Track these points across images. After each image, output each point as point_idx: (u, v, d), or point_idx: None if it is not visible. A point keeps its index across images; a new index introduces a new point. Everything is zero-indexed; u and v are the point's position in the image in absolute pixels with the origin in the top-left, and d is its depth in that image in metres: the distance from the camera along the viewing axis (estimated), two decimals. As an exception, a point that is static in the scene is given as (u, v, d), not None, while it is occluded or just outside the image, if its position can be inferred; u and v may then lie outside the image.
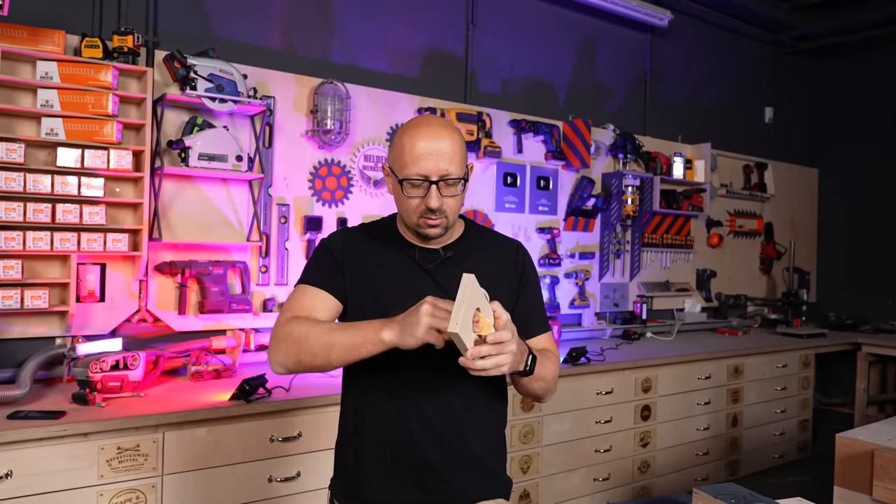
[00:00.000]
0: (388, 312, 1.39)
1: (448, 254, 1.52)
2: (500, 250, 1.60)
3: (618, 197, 4.41)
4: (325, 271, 1.51)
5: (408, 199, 1.43)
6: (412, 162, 1.40)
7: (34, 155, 2.58)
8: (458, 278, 1.43)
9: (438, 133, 1.42)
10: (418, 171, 1.40)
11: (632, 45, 4.82)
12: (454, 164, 1.41)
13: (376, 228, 1.61)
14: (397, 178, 1.44)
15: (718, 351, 4.09)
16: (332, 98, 3.22)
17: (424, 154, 1.39)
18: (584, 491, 3.42)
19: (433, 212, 1.42)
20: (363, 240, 1.56)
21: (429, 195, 1.41)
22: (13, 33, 2.49)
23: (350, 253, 1.53)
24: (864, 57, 5.83)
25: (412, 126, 1.45)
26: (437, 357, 1.39)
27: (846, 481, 2.18)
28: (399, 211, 1.51)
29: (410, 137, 1.42)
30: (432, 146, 1.40)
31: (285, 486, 2.45)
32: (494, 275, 1.53)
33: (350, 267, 1.51)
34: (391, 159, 1.48)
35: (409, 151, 1.40)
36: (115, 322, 2.77)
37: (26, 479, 2.00)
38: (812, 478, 4.27)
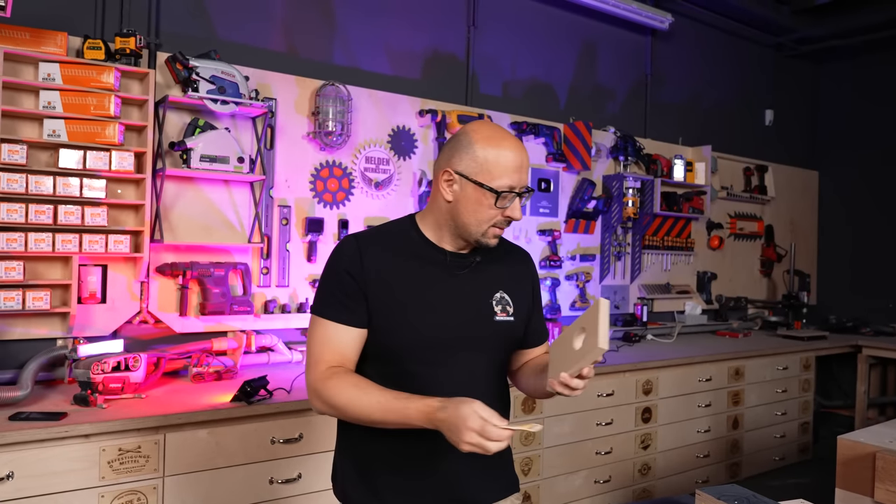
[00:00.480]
0: (420, 324, 1.41)
1: (477, 258, 1.52)
2: (515, 258, 1.64)
3: (618, 199, 4.41)
4: (344, 299, 1.43)
5: (493, 209, 1.42)
6: (507, 173, 1.41)
7: (36, 156, 2.58)
8: (486, 284, 1.52)
9: (521, 144, 1.45)
10: (511, 183, 1.41)
11: (632, 47, 4.82)
12: (528, 177, 1.47)
13: (394, 234, 1.53)
14: (487, 189, 1.41)
15: (719, 353, 4.09)
16: (333, 100, 3.22)
17: (517, 166, 1.42)
18: (585, 493, 3.42)
19: (509, 222, 1.45)
20: (383, 248, 1.48)
21: (513, 207, 1.44)
22: (16, 35, 2.49)
23: (371, 265, 1.44)
24: (864, 60, 5.84)
25: (495, 136, 1.43)
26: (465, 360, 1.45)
27: (848, 483, 2.18)
28: (464, 220, 1.45)
29: (501, 148, 1.41)
30: (522, 157, 1.43)
31: (286, 488, 2.45)
32: (515, 282, 1.58)
33: (373, 284, 1.43)
34: (468, 168, 1.42)
35: (505, 162, 1.40)
36: (116, 323, 2.77)
37: (27, 480, 2.00)
38: (813, 480, 4.27)
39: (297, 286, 3.23)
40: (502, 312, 1.51)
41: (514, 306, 1.54)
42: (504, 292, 1.53)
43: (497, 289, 1.53)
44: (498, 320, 1.51)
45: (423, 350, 1.44)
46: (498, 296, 1.52)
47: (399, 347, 1.45)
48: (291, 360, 3.12)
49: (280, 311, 3.17)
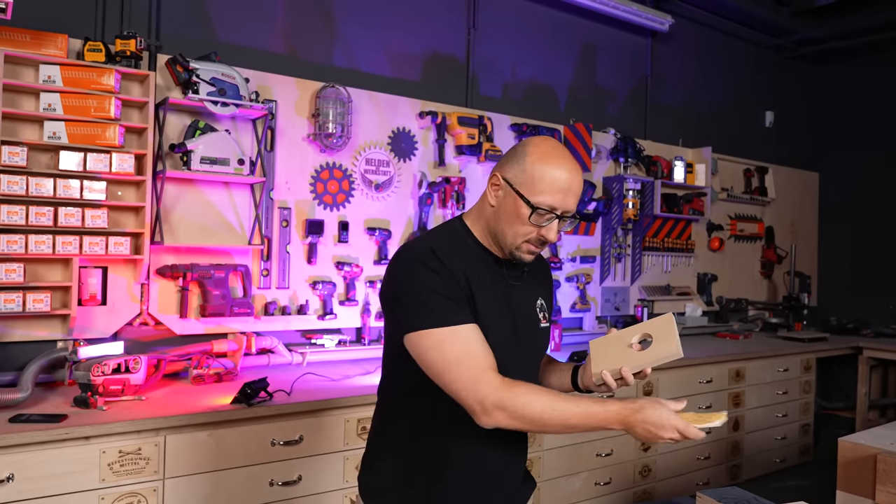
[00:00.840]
0: (492, 332, 1.40)
1: (526, 268, 1.54)
2: (542, 264, 1.67)
3: (619, 201, 4.41)
4: (454, 299, 1.36)
5: (527, 224, 1.41)
6: (550, 191, 1.38)
7: (36, 158, 2.58)
8: (532, 294, 1.56)
9: (574, 168, 1.42)
10: (552, 203, 1.39)
11: (632, 49, 4.83)
12: (576, 203, 1.44)
13: (457, 242, 1.48)
14: (524, 201, 1.39)
15: (719, 355, 4.09)
16: (333, 102, 3.22)
17: (563, 188, 1.39)
18: (586, 495, 3.42)
19: (544, 243, 1.44)
20: (455, 253, 1.43)
21: (549, 228, 1.41)
22: (16, 37, 2.50)
23: (455, 266, 1.39)
24: (864, 61, 5.84)
25: (554, 154, 1.41)
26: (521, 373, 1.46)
27: (849, 485, 2.18)
28: (501, 228, 1.44)
29: (554, 166, 1.39)
30: (572, 181, 1.40)
31: (286, 490, 2.45)
32: (546, 288, 1.64)
33: (469, 281, 1.40)
34: (517, 177, 1.40)
35: (551, 181, 1.38)
36: (116, 325, 2.77)
37: (28, 482, 2.00)
38: (814, 482, 4.27)
39: (298, 288, 3.23)
40: (544, 319, 1.57)
41: (548, 312, 1.60)
42: (542, 299, 1.58)
43: (538, 296, 1.57)
44: (542, 327, 1.56)
45: (497, 357, 1.40)
46: (539, 303, 1.57)
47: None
48: (292, 362, 3.12)
49: (280, 313, 3.16)
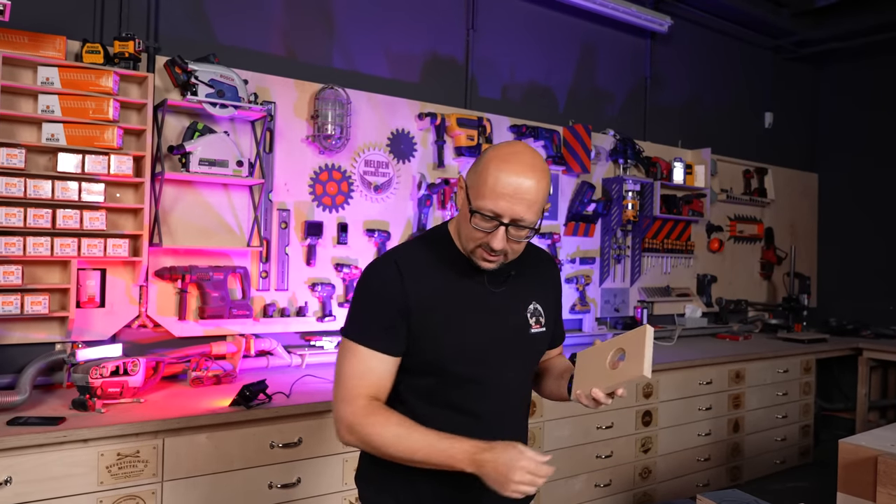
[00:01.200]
0: (462, 343, 1.39)
1: (512, 272, 1.48)
2: (544, 264, 1.62)
3: (618, 202, 4.41)
4: (382, 324, 1.38)
5: (472, 229, 1.35)
6: (491, 196, 1.31)
7: (35, 160, 2.58)
8: (521, 298, 1.50)
9: (528, 172, 1.32)
10: (493, 209, 1.31)
11: (632, 50, 4.82)
12: (531, 212, 1.33)
13: (434, 247, 1.47)
14: (469, 203, 1.36)
15: (719, 356, 4.08)
16: (332, 103, 3.22)
17: (506, 193, 1.30)
18: (586, 497, 3.41)
19: (493, 251, 1.36)
20: (423, 264, 1.43)
21: (494, 235, 1.33)
22: (14, 39, 2.49)
23: (414, 286, 1.39)
24: (863, 62, 5.84)
25: (504, 155, 1.34)
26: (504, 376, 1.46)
27: (849, 487, 2.17)
28: (461, 231, 1.43)
29: (497, 169, 1.32)
30: (517, 186, 1.30)
31: (285, 493, 2.44)
32: (541, 290, 1.57)
33: (416, 308, 1.39)
34: (471, 179, 1.38)
35: (492, 184, 1.31)
36: (115, 327, 2.76)
37: (25, 485, 1.99)
38: (814, 484, 4.26)
39: (297, 290, 3.22)
40: (536, 325, 1.50)
41: (545, 316, 1.53)
42: (537, 303, 1.52)
43: (530, 300, 1.52)
44: (533, 333, 1.50)
45: (465, 366, 1.43)
46: (532, 307, 1.51)
47: (441, 365, 1.43)
48: (290, 364, 3.11)
49: (279, 315, 3.16)
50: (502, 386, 1.47)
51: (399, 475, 1.43)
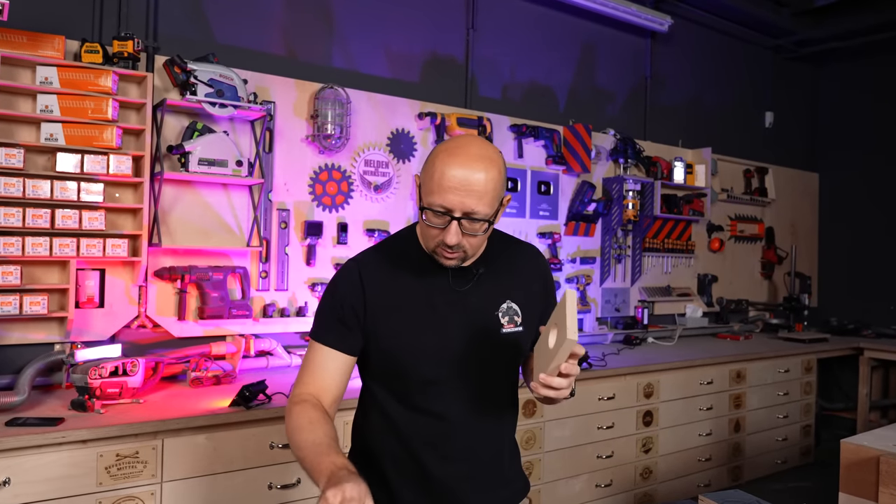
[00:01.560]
0: (427, 345, 1.39)
1: (480, 270, 1.44)
2: (524, 258, 1.55)
3: (619, 202, 4.40)
4: (336, 323, 1.41)
5: (426, 227, 1.33)
6: (438, 190, 1.28)
7: (33, 160, 2.57)
8: (491, 296, 1.45)
9: (473, 165, 1.27)
10: (442, 203, 1.28)
11: (632, 50, 4.82)
12: (483, 203, 1.28)
13: (397, 249, 1.47)
14: (420, 200, 1.34)
15: (720, 356, 4.08)
16: (332, 103, 3.21)
17: (453, 186, 1.27)
18: (586, 497, 3.40)
19: (449, 247, 1.32)
20: (385, 268, 1.43)
21: (447, 230, 1.30)
22: (13, 38, 2.48)
23: (372, 288, 1.40)
24: (863, 62, 5.83)
25: (451, 149, 1.31)
26: (476, 377, 1.42)
27: (851, 487, 2.16)
28: (420, 230, 1.42)
29: (442, 163, 1.28)
30: (462, 178, 1.27)
31: (285, 494, 2.44)
32: (518, 288, 1.49)
33: (377, 309, 1.40)
34: (423, 177, 1.35)
35: (439, 179, 1.28)
36: (114, 328, 2.75)
37: (24, 486, 1.98)
38: (815, 483, 4.25)
39: (297, 290, 3.21)
40: (509, 324, 1.45)
41: (523, 314, 1.47)
42: (511, 301, 1.46)
43: (503, 299, 1.46)
44: (505, 332, 1.44)
45: (432, 369, 1.41)
46: (504, 306, 1.45)
47: (408, 368, 1.41)
48: (290, 365, 3.10)
49: (279, 315, 3.15)
50: (470, 388, 1.43)
51: (377, 477, 1.43)
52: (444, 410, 1.42)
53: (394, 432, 1.45)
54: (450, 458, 1.44)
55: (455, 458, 1.44)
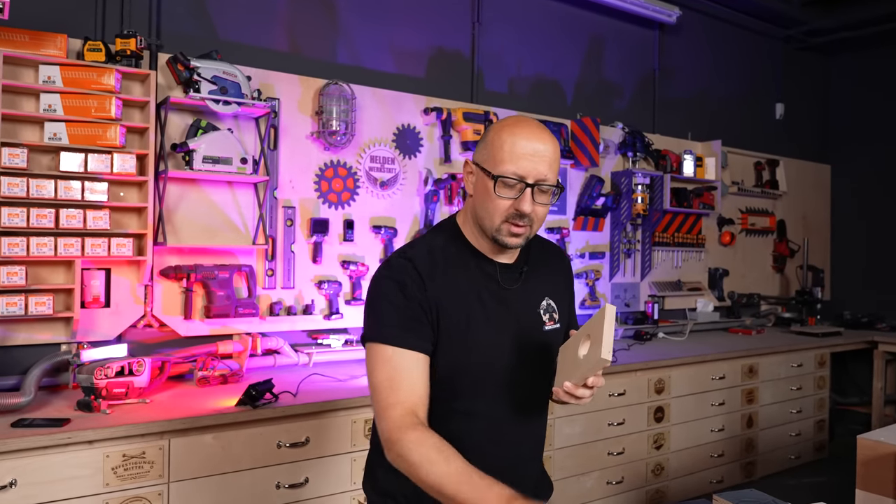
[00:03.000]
0: (480, 344, 1.37)
1: (525, 268, 1.47)
2: (556, 259, 1.58)
3: (628, 196, 4.36)
4: (410, 320, 1.32)
5: (498, 199, 1.32)
6: (511, 160, 1.31)
7: (37, 160, 2.56)
8: (534, 295, 1.46)
9: (541, 135, 1.34)
10: (516, 171, 1.31)
11: (640, 42, 4.76)
12: (552, 171, 1.33)
13: (446, 244, 1.43)
14: (489, 175, 1.33)
15: (732, 351, 4.03)
16: (337, 99, 3.19)
17: (526, 154, 1.31)
18: (598, 494, 3.37)
19: (522, 217, 1.33)
20: (440, 262, 1.39)
21: (522, 198, 1.32)
22: (15, 37, 2.47)
23: (432, 283, 1.35)
24: (875, 51, 5.75)
25: (512, 124, 1.35)
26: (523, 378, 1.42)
27: (869, 484, 2.12)
28: (479, 213, 1.38)
29: (511, 135, 1.32)
30: (534, 147, 1.31)
31: (293, 493, 2.42)
32: (554, 286, 1.53)
33: (437, 302, 1.35)
34: (481, 156, 1.36)
35: (510, 149, 1.31)
36: (120, 328, 2.74)
37: (31, 487, 1.98)
38: (830, 479, 4.20)
39: (303, 288, 3.19)
40: (550, 321, 1.47)
41: (559, 312, 1.50)
42: (550, 299, 1.49)
43: (543, 296, 1.48)
44: (547, 330, 1.47)
45: (482, 367, 1.40)
46: (545, 304, 1.48)
47: (459, 367, 1.38)
48: (297, 363, 3.09)
49: (286, 314, 3.13)
50: (517, 383, 1.43)
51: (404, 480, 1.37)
52: (493, 408, 1.42)
53: (445, 422, 1.37)
54: (494, 455, 1.41)
55: (499, 454, 1.42)
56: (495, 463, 1.39)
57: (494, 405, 1.42)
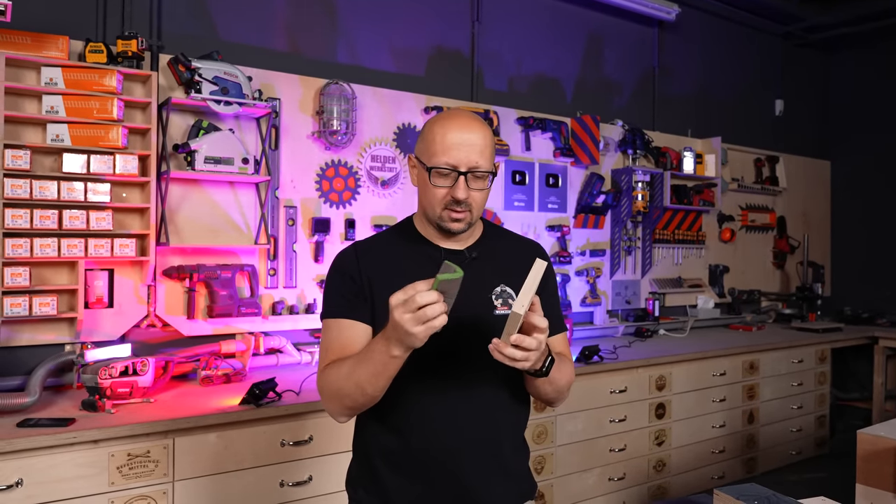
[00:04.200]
0: None
1: (473, 254, 1.50)
2: (521, 251, 1.58)
3: (628, 193, 4.37)
4: (346, 297, 1.46)
5: (434, 188, 1.41)
6: (442, 151, 1.39)
7: (40, 161, 2.57)
8: (484, 279, 1.48)
9: (470, 125, 1.42)
10: (447, 161, 1.39)
11: (639, 39, 4.77)
12: (483, 158, 1.41)
13: (393, 233, 1.57)
14: (425, 167, 1.42)
15: (733, 347, 4.04)
16: (337, 99, 3.20)
17: (455, 144, 1.39)
18: (600, 491, 3.39)
19: (459, 203, 1.40)
20: (380, 249, 1.52)
21: (456, 186, 1.40)
22: (17, 39, 2.48)
23: (368, 267, 1.48)
24: (874, 47, 5.75)
25: (444, 117, 1.45)
26: (467, 358, 1.41)
27: (869, 479, 2.13)
28: (422, 203, 1.49)
29: (441, 127, 1.41)
30: (463, 137, 1.40)
31: (297, 491, 2.43)
32: (514, 274, 1.50)
33: (372, 282, 1.46)
34: (419, 149, 1.46)
35: (440, 141, 1.40)
36: (123, 328, 2.76)
37: (36, 487, 1.99)
38: (831, 474, 4.21)
39: (305, 287, 3.21)
40: (503, 306, 1.48)
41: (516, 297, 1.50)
42: (506, 286, 1.50)
43: (497, 283, 1.50)
44: (498, 314, 1.47)
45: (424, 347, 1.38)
46: (498, 290, 1.49)
47: None
48: (300, 362, 3.10)
49: (288, 313, 3.14)
50: (460, 367, 1.43)
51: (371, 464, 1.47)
52: (434, 387, 1.43)
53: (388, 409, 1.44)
54: (443, 435, 1.42)
55: (448, 434, 1.42)
56: (439, 439, 1.42)
57: (439, 382, 1.42)
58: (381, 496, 1.46)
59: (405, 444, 1.44)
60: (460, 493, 1.43)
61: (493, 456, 1.47)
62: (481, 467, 1.45)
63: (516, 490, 1.53)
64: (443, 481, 1.43)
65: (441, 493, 1.43)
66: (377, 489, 1.47)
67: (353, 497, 1.54)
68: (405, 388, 1.42)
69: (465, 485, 1.43)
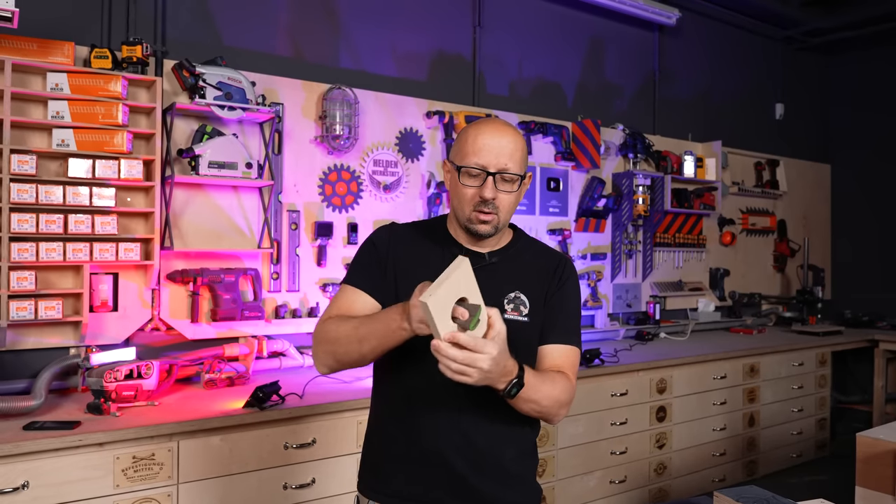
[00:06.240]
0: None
1: (493, 259, 1.52)
2: (543, 260, 1.58)
3: (629, 197, 4.38)
4: (367, 270, 1.53)
5: (463, 188, 1.45)
6: (473, 152, 1.43)
7: (46, 166, 2.59)
8: (500, 285, 1.49)
9: (502, 130, 1.46)
10: (477, 161, 1.43)
11: (640, 44, 4.79)
12: (513, 161, 1.44)
13: (426, 226, 1.63)
14: (456, 168, 1.46)
15: (733, 350, 4.05)
16: (340, 103, 3.22)
17: (486, 146, 1.43)
18: (601, 494, 3.40)
19: (486, 203, 1.43)
20: (411, 236, 1.57)
21: (484, 186, 1.43)
22: (23, 46, 2.50)
23: (396, 249, 1.54)
24: (874, 51, 5.77)
25: (478, 122, 1.50)
26: None
27: (868, 481, 2.14)
28: (453, 204, 1.52)
29: (475, 130, 1.47)
30: (494, 140, 1.44)
31: (300, 494, 2.45)
32: (532, 282, 1.52)
33: (394, 263, 1.52)
34: (452, 153, 1.50)
35: (472, 142, 1.44)
36: (128, 331, 2.78)
37: (42, 489, 2.01)
38: (831, 477, 4.22)
39: (308, 291, 3.22)
40: (513, 311, 1.48)
41: (531, 307, 1.50)
42: (520, 292, 1.51)
43: (512, 288, 1.50)
44: (506, 318, 1.39)
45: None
46: (511, 295, 1.50)
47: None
48: (303, 365, 3.11)
49: (291, 316, 3.16)
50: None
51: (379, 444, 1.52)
52: (441, 390, 1.40)
53: (397, 412, 1.50)
54: (450, 439, 1.44)
55: (455, 438, 1.44)
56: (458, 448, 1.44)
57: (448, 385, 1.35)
58: (390, 500, 1.48)
59: (413, 447, 1.46)
60: (467, 497, 1.45)
61: (499, 461, 1.48)
62: (488, 472, 1.46)
63: (522, 496, 1.54)
64: (450, 485, 1.45)
65: (448, 497, 1.45)
66: (387, 492, 1.49)
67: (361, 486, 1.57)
68: (414, 389, 1.45)
69: (471, 489, 1.45)
